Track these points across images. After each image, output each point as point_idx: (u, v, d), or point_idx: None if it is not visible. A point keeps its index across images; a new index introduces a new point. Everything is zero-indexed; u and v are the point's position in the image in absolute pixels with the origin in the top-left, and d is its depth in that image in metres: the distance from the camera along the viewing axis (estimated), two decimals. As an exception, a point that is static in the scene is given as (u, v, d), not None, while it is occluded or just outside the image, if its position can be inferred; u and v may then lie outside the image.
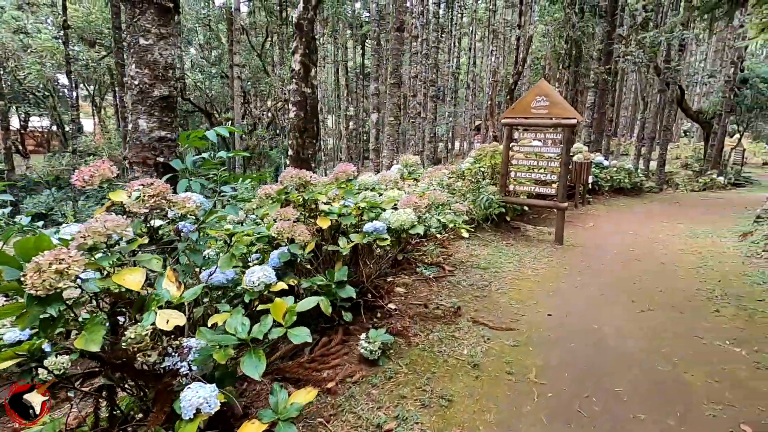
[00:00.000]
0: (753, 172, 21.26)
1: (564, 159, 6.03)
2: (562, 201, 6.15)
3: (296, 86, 3.34)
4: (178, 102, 15.68)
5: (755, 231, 6.77)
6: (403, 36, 8.81)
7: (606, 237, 7.12)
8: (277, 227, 2.29)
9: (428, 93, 16.03)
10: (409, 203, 3.06)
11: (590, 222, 8.56)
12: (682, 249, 6.37)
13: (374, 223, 2.90)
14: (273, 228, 2.33)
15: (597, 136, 14.53)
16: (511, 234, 6.62)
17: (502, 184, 6.58)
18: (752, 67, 18.87)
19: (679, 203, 11.88)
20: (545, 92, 6.08)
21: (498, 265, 5.02)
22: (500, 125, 6.92)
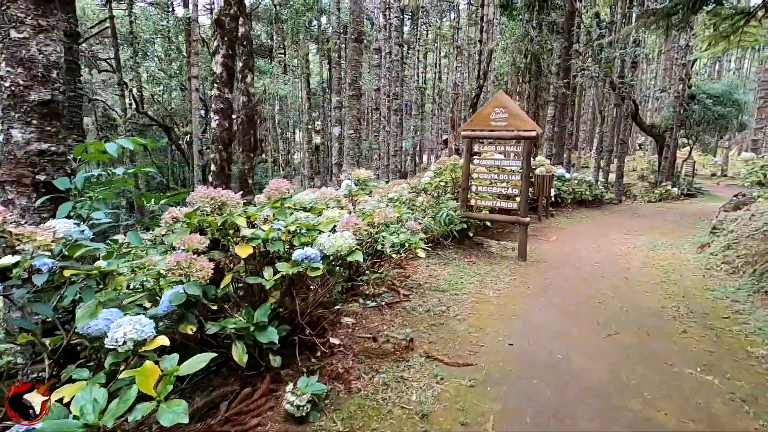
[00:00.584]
0: (703, 183, 22.32)
1: (525, 172, 5.84)
2: (525, 215, 5.94)
3: (218, 92, 2.91)
4: (134, 116, 15.14)
5: (712, 242, 6.80)
6: (361, 47, 8.54)
7: (569, 251, 6.97)
8: (168, 262, 1.83)
9: (392, 106, 15.86)
10: (349, 225, 2.67)
11: (553, 235, 8.45)
12: (644, 262, 6.28)
13: (306, 250, 2.47)
14: (164, 263, 1.86)
15: (558, 149, 14.75)
16: (473, 251, 6.33)
17: (463, 199, 6.31)
18: (698, 84, 19.94)
19: (638, 214, 12.10)
20: (504, 104, 5.90)
21: (458, 286, 4.68)
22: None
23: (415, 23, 34.87)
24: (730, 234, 6.41)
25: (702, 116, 19.32)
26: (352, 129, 8.88)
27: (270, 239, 2.52)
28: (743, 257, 5.34)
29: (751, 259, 5.20)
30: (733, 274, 5.23)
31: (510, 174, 6.11)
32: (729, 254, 5.78)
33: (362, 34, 8.53)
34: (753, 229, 5.98)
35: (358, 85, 8.73)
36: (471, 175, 6.31)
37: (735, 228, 6.51)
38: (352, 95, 8.76)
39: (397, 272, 5.02)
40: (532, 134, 5.72)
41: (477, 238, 6.93)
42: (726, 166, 26.26)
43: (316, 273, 2.36)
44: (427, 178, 6.67)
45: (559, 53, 12.02)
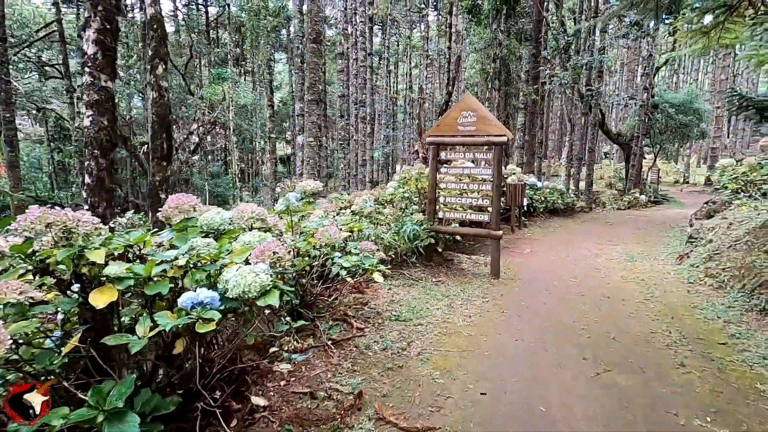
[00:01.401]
0: (668, 190, 22.77)
1: (496, 181, 5.32)
2: (497, 228, 5.40)
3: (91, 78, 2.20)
4: None
5: (690, 253, 6.47)
6: (320, 48, 7.92)
7: (545, 265, 6.49)
8: None
9: (359, 114, 15.30)
10: (264, 255, 1.99)
11: (527, 248, 7.99)
12: (623, 276, 5.85)
13: (199, 293, 1.78)
14: None
15: (529, 158, 14.53)
16: (442, 268, 5.74)
17: (430, 211, 5.73)
18: (661, 93, 20.41)
19: (610, 223, 11.90)
20: (472, 107, 5.39)
21: (423, 313, 4.05)
22: None
23: (385, 33, 34.74)
24: (710, 244, 6.08)
25: (665, 125, 19.73)
26: (312, 137, 8.20)
27: (151, 278, 1.81)
28: (728, 270, 4.97)
29: (737, 272, 4.82)
30: (720, 289, 4.84)
31: (481, 183, 5.59)
32: (712, 266, 5.41)
33: (321, 35, 7.91)
34: (734, 238, 5.66)
35: (318, 89, 8.09)
36: (438, 185, 5.75)
37: (714, 237, 6.20)
38: (312, 100, 8.11)
39: (354, 298, 4.34)
40: (502, 139, 5.22)
41: (447, 254, 6.36)
42: (688, 174, 27.06)
43: (206, 328, 1.66)
44: (390, 189, 6.06)
45: (527, 60, 11.80)
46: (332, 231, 3.05)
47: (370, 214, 5.81)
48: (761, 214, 5.91)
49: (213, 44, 30.52)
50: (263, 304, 1.81)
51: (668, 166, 29.00)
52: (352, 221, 5.33)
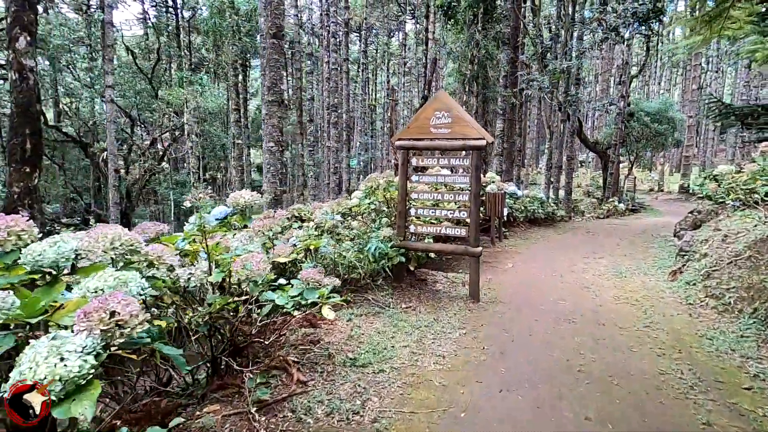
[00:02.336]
0: (644, 198, 22.80)
1: (474, 190, 4.65)
2: (476, 244, 4.72)
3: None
4: (47, 131, 12.32)
5: (683, 268, 5.95)
6: (281, 44, 7.18)
7: (529, 282, 5.85)
8: None
9: (330, 119, 14.57)
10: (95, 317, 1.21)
11: (509, 262, 7.37)
12: (615, 296, 5.25)
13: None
14: None
15: (508, 166, 14.07)
16: (414, 290, 5.01)
17: (400, 225, 5.01)
18: (636, 102, 20.50)
19: (592, 232, 11.47)
20: (446, 106, 4.72)
21: (386, 354, 3.29)
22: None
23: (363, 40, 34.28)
24: (705, 259, 5.56)
25: (641, 133, 19.76)
26: (273, 141, 7.41)
27: None
28: (733, 291, 4.41)
29: (744, 293, 4.27)
30: (726, 313, 4.27)
31: (457, 193, 4.92)
32: (712, 285, 4.86)
33: (282, 30, 7.17)
34: (732, 253, 5.14)
35: (279, 89, 7.32)
36: (409, 196, 5.04)
37: (709, 251, 5.69)
38: (272, 101, 7.33)
39: (304, 333, 3.56)
40: (481, 143, 4.57)
41: (420, 272, 5.64)
42: (662, 182, 27.37)
43: None
44: (354, 200, 5.31)
45: (505, 64, 11.34)
46: (255, 261, 2.27)
47: (332, 229, 5.05)
48: (759, 225, 5.44)
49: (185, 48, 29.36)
50: (64, 414, 1.02)
51: (643, 175, 29.32)
52: (308, 238, 4.56)
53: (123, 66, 25.78)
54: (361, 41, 34.85)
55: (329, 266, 4.40)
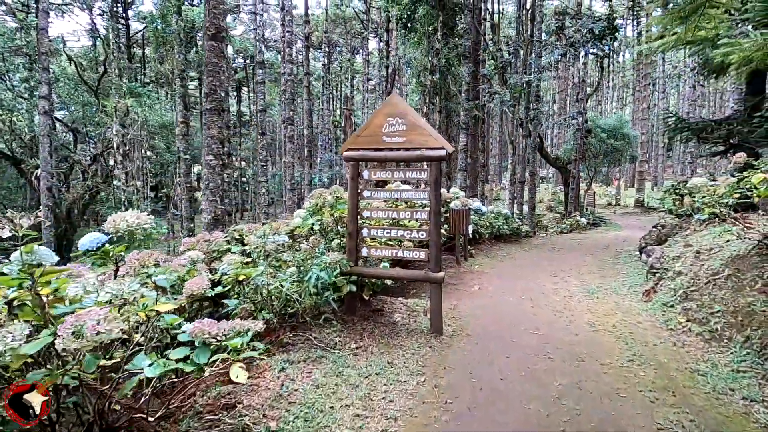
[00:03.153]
0: (603, 213, 23.29)
1: (434, 207, 4.04)
2: (437, 268, 4.09)
3: None
4: None
5: (657, 287, 5.58)
6: (222, 47, 6.44)
7: (498, 308, 5.28)
8: None
9: (287, 133, 13.83)
10: None
11: (475, 283, 6.82)
12: (590, 322, 4.76)
13: None
14: None
15: (472, 181, 13.78)
16: (367, 324, 4.30)
17: (351, 248, 4.32)
18: (593, 119, 21.07)
19: (557, 248, 11.22)
20: (400, 111, 4.14)
21: (322, 421, 2.55)
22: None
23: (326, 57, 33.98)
24: (680, 278, 5.21)
25: (599, 149, 20.23)
26: (212, 154, 6.59)
27: None
28: (719, 315, 3.99)
29: (731, 318, 3.85)
30: (713, 340, 3.83)
31: (416, 211, 4.30)
32: (692, 307, 4.46)
33: (222, 31, 6.45)
34: (709, 272, 4.80)
35: (219, 96, 6.55)
36: (361, 214, 4.37)
37: (683, 269, 5.35)
38: (211, 109, 6.54)
39: (219, 393, 2.76)
40: (440, 153, 3.99)
41: (375, 301, 4.94)
42: (619, 196, 28.25)
43: None
44: (296, 220, 4.57)
45: (467, 76, 11.08)
46: (88, 318, 1.51)
47: (273, 253, 4.29)
48: (732, 241, 5.15)
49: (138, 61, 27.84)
50: None
51: (601, 190, 30.22)
52: (241, 266, 3.79)
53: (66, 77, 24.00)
54: (324, 57, 34.54)
55: (264, 301, 3.64)
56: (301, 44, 20.44)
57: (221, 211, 6.72)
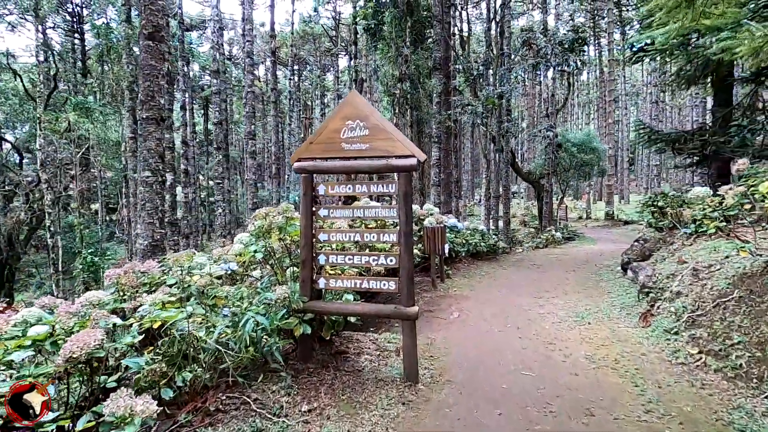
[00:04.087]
0: (575, 226, 23.33)
1: (404, 227, 3.33)
2: (409, 302, 3.35)
3: None
4: None
5: (654, 310, 5.03)
6: (161, 48, 5.63)
7: (482, 342, 4.57)
8: None
9: (248, 148, 12.94)
10: None
11: (454, 310, 6.11)
12: (588, 356, 4.11)
13: None
14: None
15: (446, 197, 13.25)
16: (327, 372, 3.48)
17: (305, 279, 3.52)
18: (563, 133, 21.20)
19: (537, 265, 10.72)
20: (360, 113, 3.44)
21: None
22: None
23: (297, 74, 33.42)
24: (680, 299, 4.67)
25: (570, 163, 20.28)
26: (149, 170, 5.68)
27: None
28: (741, 348, 3.41)
29: (758, 352, 3.27)
30: (738, 380, 3.23)
31: (383, 232, 3.57)
32: (702, 336, 3.89)
33: (161, 30, 5.65)
34: (715, 293, 4.27)
35: (158, 103, 5.70)
36: (317, 237, 3.60)
37: (681, 289, 4.82)
38: (148, 118, 5.67)
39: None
40: (410, 162, 3.31)
41: (339, 341, 4.14)
42: (589, 210, 28.57)
43: None
44: (237, 246, 3.74)
45: (438, 85, 10.63)
46: None
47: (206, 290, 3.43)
48: (732, 256, 4.68)
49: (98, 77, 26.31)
50: None
51: (571, 203, 30.54)
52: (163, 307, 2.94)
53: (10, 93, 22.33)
54: (294, 75, 33.98)
55: (184, 355, 2.78)
56: (269, 61, 19.81)
57: (161, 235, 5.78)
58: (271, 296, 2.99)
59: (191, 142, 24.98)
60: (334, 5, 27.39)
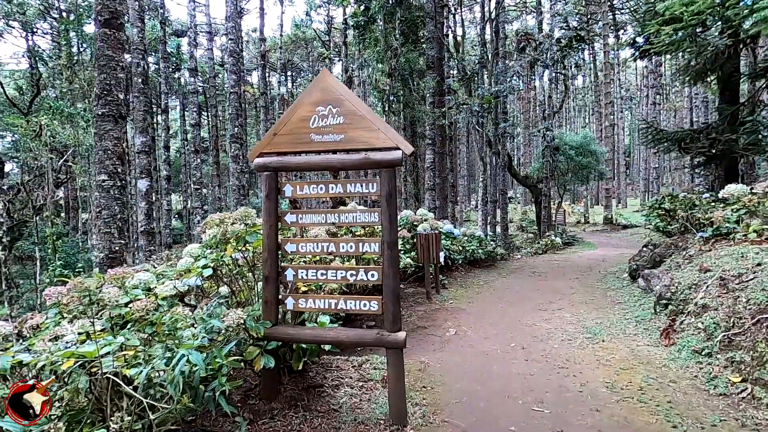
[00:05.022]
0: (574, 231, 22.83)
1: (388, 236, 2.72)
2: (395, 326, 2.73)
3: None
4: None
5: (677, 326, 4.44)
6: (119, 36, 5.03)
7: (483, 368, 3.94)
8: None
9: (231, 151, 12.34)
10: None
11: (450, 326, 5.48)
12: (608, 383, 3.50)
13: None
14: None
15: (442, 202, 12.67)
16: (296, 413, 2.84)
17: (268, 300, 2.89)
18: (560, 136, 20.75)
19: (537, 273, 10.12)
20: (333, 97, 2.84)
21: None
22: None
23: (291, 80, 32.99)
24: (708, 314, 4.08)
25: (568, 166, 19.80)
26: (105, 173, 5.05)
27: None
28: (797, 377, 2.82)
29: (821, 383, 2.68)
30: (801, 419, 2.63)
31: (363, 242, 2.96)
32: (744, 361, 3.28)
33: (118, 17, 5.05)
34: (754, 307, 3.67)
35: (116, 98, 5.08)
36: (283, 248, 2.98)
37: (709, 302, 4.23)
38: (104, 115, 5.05)
39: None
40: (394, 156, 2.71)
41: (316, 368, 3.50)
42: (587, 214, 28.11)
43: None
44: (185, 261, 3.09)
45: (432, 90, 10.09)
46: None
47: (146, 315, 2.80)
48: (766, 266, 4.10)
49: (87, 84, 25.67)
50: None
51: (569, 208, 30.09)
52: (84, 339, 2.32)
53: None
54: (286, 80, 33.50)
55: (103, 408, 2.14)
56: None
57: (120, 246, 5.13)
58: (216, 325, 2.36)
59: (182, 149, 24.35)
60: (327, 9, 27.01)
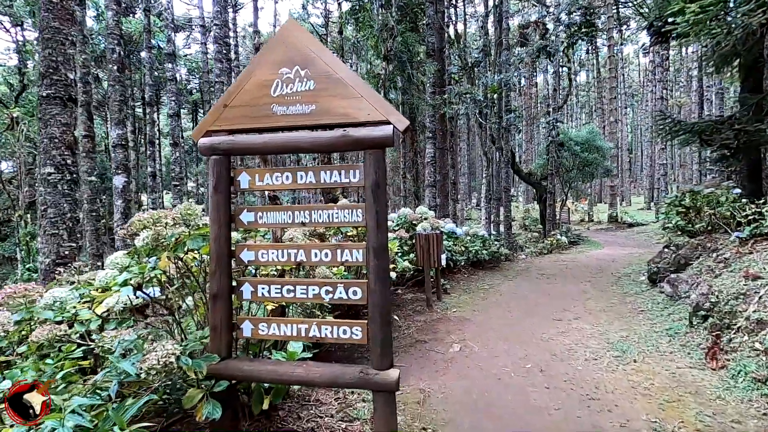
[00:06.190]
0: (578, 229, 22.10)
1: (374, 239, 2.01)
2: (385, 361, 2.01)
3: None
4: None
5: (724, 344, 3.73)
6: (67, 6, 4.30)
7: (494, 399, 3.23)
8: None
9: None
10: None
11: (454, 340, 4.78)
12: (653, 424, 2.80)
13: None
14: None
15: (443, 200, 11.95)
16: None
17: (217, 326, 2.19)
18: (565, 131, 20.00)
19: (546, 275, 9.42)
20: (302, 54, 2.13)
21: None
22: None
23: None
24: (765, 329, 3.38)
25: (573, 163, 19.07)
26: (52, 165, 4.34)
27: None
28: None
29: None
30: None
31: (342, 248, 2.25)
32: (831, 397, 2.58)
33: (68, -19, 4.33)
34: (830, 326, 2.97)
35: (64, 78, 4.37)
36: (238, 256, 2.26)
37: (765, 316, 3.53)
38: (49, 96, 4.33)
39: None
40: (384, 132, 1.99)
41: (290, 404, 2.79)
42: (592, 212, 27.40)
43: None
44: (104, 274, 2.36)
45: (432, 78, 9.37)
46: None
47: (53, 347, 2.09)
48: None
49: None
50: None
51: (573, 206, 29.38)
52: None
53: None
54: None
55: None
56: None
57: (70, 250, 4.42)
58: (129, 368, 1.64)
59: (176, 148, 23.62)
60: (324, 3, 26.27)
